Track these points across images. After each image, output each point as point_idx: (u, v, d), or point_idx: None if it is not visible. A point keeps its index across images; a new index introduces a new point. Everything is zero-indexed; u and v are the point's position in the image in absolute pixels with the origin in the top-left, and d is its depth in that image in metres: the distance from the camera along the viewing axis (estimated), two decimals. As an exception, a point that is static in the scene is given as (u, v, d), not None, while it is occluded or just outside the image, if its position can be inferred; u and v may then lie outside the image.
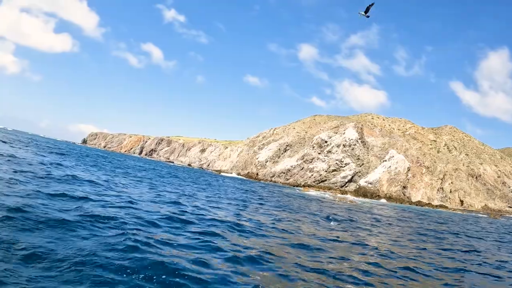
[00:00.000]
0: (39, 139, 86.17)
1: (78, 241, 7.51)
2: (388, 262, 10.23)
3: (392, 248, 12.72)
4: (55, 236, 7.55)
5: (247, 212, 17.84)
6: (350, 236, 14.78)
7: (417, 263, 10.63)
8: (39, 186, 12.97)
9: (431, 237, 18.98)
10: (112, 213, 10.52)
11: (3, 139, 40.71)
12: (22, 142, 46.73)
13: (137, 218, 10.72)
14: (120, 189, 17.73)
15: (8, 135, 66.81)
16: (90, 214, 9.93)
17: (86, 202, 11.80)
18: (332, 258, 9.83)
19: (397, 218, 29.33)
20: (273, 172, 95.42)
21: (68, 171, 20.45)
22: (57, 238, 7.42)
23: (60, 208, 10.07)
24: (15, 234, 7.11)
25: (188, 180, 39.24)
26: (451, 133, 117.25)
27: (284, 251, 9.83)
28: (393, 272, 9.22)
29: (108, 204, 12.15)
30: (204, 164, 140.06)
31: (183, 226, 10.99)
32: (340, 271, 8.56)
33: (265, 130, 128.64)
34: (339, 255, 10.33)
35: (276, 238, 11.67)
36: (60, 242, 7.24)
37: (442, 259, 12.15)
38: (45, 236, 7.43)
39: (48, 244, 6.94)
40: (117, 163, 47.84)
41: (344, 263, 9.54)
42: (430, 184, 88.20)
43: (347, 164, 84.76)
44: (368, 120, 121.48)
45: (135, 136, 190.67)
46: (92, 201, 12.11)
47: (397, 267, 9.79)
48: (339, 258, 9.96)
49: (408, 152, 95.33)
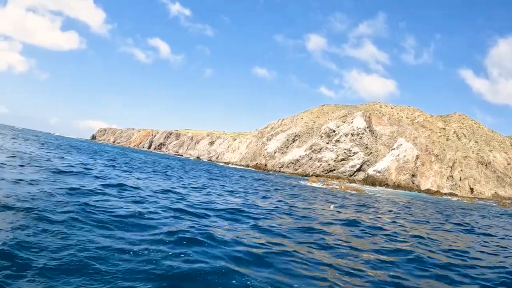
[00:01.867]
0: (59, 139, 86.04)
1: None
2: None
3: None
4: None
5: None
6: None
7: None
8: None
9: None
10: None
11: (29, 140, 40.55)
12: (51, 143, 47.16)
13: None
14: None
15: (27, 135, 67.06)
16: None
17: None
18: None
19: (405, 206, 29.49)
20: (282, 162, 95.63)
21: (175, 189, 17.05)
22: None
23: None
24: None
25: (223, 176, 38.16)
26: (460, 120, 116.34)
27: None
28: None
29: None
30: (213, 157, 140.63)
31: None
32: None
33: (274, 121, 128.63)
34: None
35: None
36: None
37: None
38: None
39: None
40: (163, 164, 44.16)
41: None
42: (440, 172, 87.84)
43: (356, 153, 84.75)
44: (376, 108, 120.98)
45: (144, 130, 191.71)
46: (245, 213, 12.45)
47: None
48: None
49: (417, 140, 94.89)
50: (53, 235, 6.57)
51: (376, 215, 17.59)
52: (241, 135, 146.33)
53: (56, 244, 6.11)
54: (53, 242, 6.18)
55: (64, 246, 6.05)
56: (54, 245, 6.03)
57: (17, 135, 55.45)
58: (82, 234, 6.91)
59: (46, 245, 6.00)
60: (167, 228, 8.19)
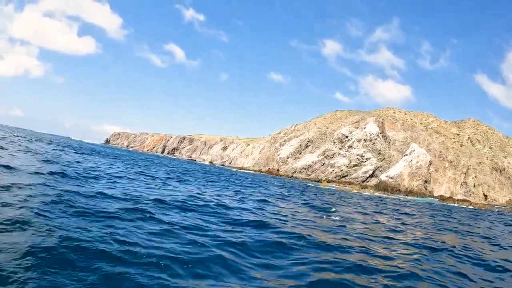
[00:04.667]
0: (81, 144, 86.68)
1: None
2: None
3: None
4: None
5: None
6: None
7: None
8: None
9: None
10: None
11: (60, 147, 40.65)
12: (83, 149, 47.52)
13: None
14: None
15: (54, 140, 67.19)
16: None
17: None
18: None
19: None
20: (294, 168, 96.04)
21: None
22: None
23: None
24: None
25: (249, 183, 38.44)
26: (474, 126, 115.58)
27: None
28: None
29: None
30: (226, 162, 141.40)
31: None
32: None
33: (287, 127, 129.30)
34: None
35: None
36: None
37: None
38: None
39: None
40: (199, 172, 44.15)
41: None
42: (454, 179, 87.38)
43: (368, 159, 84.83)
44: (390, 114, 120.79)
45: (157, 135, 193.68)
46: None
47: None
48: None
49: (430, 146, 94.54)
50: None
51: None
52: (254, 141, 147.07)
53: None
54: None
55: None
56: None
57: (52, 142, 54.90)
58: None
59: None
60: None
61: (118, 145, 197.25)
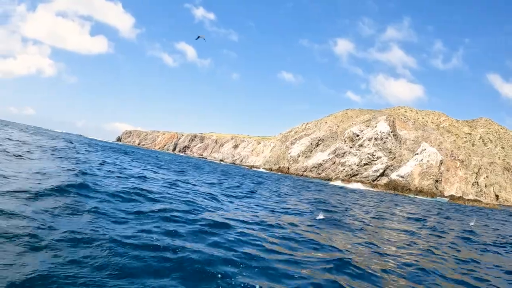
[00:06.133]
0: (101, 143, 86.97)
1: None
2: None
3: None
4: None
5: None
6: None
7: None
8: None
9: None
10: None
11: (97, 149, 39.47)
12: (104, 148, 46.65)
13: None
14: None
15: (79, 141, 66.65)
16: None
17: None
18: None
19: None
20: (305, 166, 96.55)
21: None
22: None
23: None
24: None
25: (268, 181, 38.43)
26: (486, 125, 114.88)
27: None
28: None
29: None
30: (237, 160, 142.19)
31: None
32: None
33: (298, 125, 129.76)
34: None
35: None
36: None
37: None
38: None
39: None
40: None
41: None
42: (465, 179, 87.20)
43: (379, 157, 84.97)
44: (401, 113, 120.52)
45: (169, 133, 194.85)
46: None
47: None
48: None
49: (442, 145, 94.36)
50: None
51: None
52: (265, 139, 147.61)
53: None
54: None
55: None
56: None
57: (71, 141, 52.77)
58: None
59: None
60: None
61: (129, 143, 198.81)
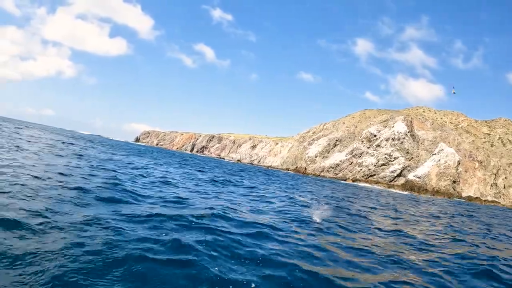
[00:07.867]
0: (129, 145, 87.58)
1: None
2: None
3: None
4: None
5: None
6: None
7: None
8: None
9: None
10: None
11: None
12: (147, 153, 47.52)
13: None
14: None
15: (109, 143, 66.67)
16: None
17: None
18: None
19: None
20: (322, 167, 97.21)
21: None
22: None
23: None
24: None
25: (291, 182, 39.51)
26: (506, 125, 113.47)
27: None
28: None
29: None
30: (255, 160, 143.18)
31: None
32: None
33: (315, 126, 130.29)
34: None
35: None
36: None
37: None
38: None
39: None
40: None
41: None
42: (484, 180, 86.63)
43: (396, 158, 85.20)
44: (419, 113, 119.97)
45: (187, 133, 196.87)
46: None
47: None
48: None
49: (460, 146, 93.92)
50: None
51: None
52: (283, 140, 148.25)
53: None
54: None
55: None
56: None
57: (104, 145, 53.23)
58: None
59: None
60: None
61: (148, 143, 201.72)
